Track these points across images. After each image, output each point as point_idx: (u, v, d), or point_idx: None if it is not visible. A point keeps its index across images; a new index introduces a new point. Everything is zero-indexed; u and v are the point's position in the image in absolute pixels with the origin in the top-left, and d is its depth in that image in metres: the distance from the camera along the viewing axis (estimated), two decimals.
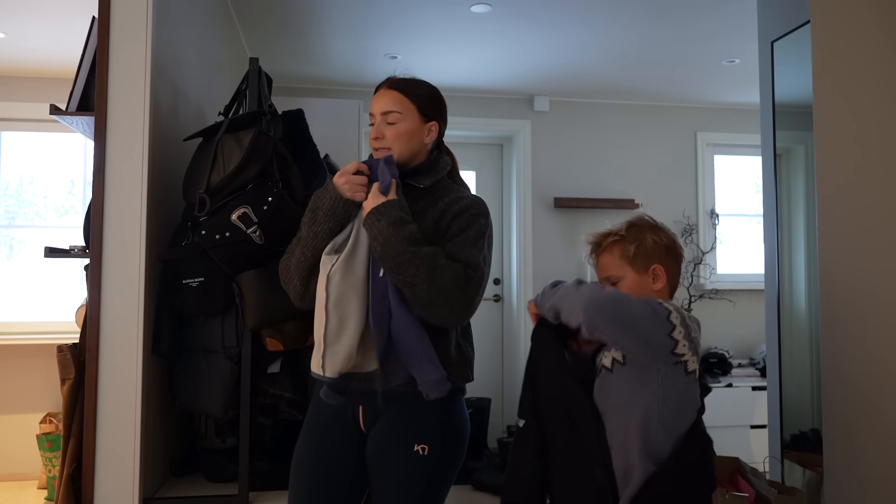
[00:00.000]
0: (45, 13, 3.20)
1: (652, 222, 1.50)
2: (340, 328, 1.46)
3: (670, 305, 1.32)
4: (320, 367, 1.47)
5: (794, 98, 2.50)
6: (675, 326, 1.29)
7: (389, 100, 1.62)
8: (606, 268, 1.46)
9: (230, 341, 1.97)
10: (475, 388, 4.50)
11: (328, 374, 1.46)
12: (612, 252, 1.46)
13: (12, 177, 4.22)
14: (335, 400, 1.51)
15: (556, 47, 3.69)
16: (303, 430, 1.63)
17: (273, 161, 2.02)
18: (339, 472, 1.57)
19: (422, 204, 1.59)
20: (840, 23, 1.72)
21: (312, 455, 1.59)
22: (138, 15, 1.94)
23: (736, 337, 4.65)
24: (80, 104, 2.01)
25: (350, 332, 1.47)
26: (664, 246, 1.45)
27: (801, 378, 2.45)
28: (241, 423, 1.99)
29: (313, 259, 1.54)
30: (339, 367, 1.46)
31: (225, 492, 2.03)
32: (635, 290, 1.42)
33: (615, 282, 1.44)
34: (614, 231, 1.47)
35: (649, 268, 1.44)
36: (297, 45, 3.66)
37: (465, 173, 4.70)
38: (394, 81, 1.64)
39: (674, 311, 1.30)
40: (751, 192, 4.94)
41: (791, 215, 2.52)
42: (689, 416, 1.32)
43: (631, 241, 1.44)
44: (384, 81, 1.66)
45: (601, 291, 1.32)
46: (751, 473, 1.92)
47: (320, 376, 1.48)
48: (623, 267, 1.44)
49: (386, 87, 1.64)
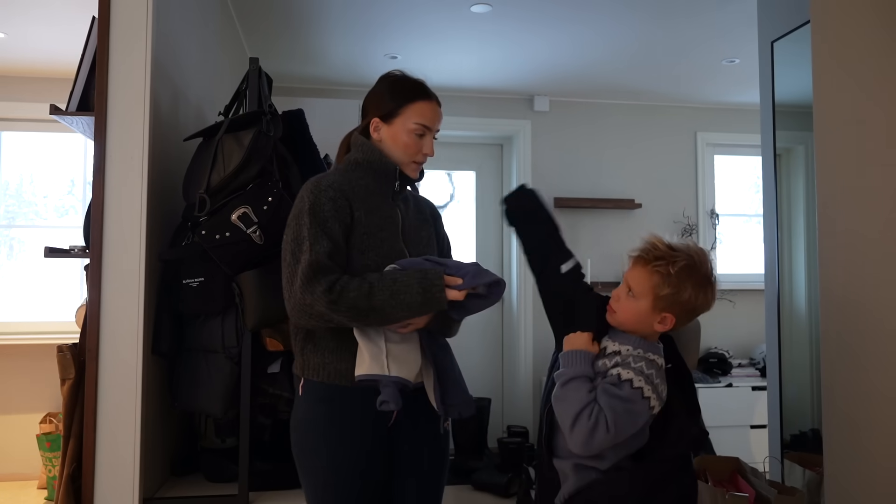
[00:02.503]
0: (45, 13, 3.20)
1: (707, 273, 1.42)
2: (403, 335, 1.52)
3: (642, 381, 1.36)
4: (385, 368, 1.46)
5: (794, 98, 2.49)
6: (650, 399, 1.36)
7: (441, 120, 1.68)
8: (635, 281, 1.42)
9: (230, 341, 1.97)
10: (475, 388, 4.50)
11: (393, 373, 1.46)
12: (650, 274, 1.40)
13: (12, 177, 4.22)
14: (395, 404, 1.44)
15: (556, 47, 3.69)
16: (329, 439, 1.53)
17: (273, 161, 2.02)
18: (378, 473, 1.57)
19: (417, 207, 1.73)
20: (840, 23, 1.72)
21: (363, 463, 1.53)
22: (138, 15, 1.94)
23: (736, 337, 4.65)
24: (80, 104, 2.01)
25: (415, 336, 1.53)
26: (694, 306, 1.41)
27: (801, 378, 2.45)
28: (241, 423, 1.99)
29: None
30: (411, 370, 1.49)
31: (225, 492, 2.03)
32: (636, 317, 1.42)
33: (634, 295, 1.42)
34: (668, 258, 1.39)
35: (665, 312, 1.41)
36: (297, 45, 3.65)
37: (465, 173, 4.72)
38: (439, 100, 1.69)
39: (645, 387, 1.35)
40: (751, 192, 4.94)
41: (791, 215, 2.52)
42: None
43: (671, 284, 1.38)
44: (432, 94, 1.67)
45: (589, 439, 1.33)
46: (751, 473, 1.92)
47: (381, 377, 1.45)
48: (647, 294, 1.40)
49: (439, 104, 1.68)
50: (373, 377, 1.45)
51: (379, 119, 1.64)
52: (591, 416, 1.32)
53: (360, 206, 1.57)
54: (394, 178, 1.63)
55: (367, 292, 1.44)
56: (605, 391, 1.35)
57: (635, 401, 1.34)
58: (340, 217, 1.53)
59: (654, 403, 1.36)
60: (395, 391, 1.45)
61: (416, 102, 1.63)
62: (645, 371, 1.37)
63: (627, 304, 1.42)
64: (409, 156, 1.63)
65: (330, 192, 1.54)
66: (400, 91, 1.64)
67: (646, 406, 1.35)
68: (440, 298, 1.45)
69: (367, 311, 1.44)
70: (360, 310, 1.44)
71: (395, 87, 1.65)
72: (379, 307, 1.44)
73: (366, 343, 1.48)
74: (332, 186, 1.56)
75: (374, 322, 1.47)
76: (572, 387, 1.37)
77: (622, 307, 1.43)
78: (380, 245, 1.56)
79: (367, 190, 1.61)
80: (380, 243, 1.56)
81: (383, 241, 1.57)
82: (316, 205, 1.52)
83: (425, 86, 1.66)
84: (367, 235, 1.55)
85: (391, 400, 1.44)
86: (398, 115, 1.62)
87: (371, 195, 1.61)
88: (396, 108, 1.62)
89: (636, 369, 1.37)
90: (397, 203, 1.65)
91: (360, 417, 1.52)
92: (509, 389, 4.56)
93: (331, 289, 1.43)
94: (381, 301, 1.44)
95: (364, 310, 1.44)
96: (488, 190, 4.76)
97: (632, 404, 1.34)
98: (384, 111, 1.64)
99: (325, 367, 1.54)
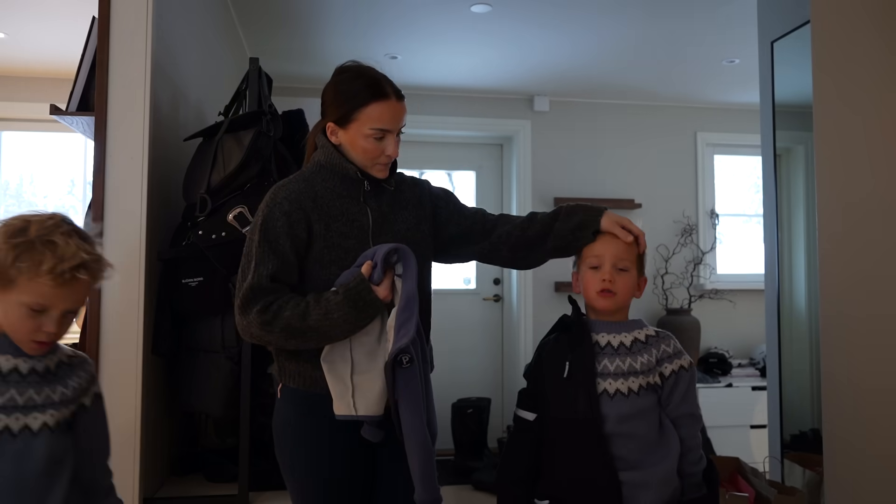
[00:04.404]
0: (45, 13, 3.20)
1: None
2: (369, 365, 1.44)
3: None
4: (352, 408, 1.41)
5: (794, 98, 2.49)
6: None
7: (404, 115, 1.54)
8: (621, 255, 1.45)
9: (230, 341, 1.97)
10: (475, 388, 4.52)
11: (361, 412, 1.41)
12: (629, 247, 1.47)
13: (12, 177, 4.22)
14: (374, 438, 1.44)
15: (555, 47, 3.69)
16: (308, 443, 1.50)
17: (272, 161, 2.02)
18: (360, 475, 1.52)
19: (396, 198, 1.60)
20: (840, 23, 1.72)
21: (341, 469, 1.49)
22: (138, 15, 1.94)
23: (736, 337, 4.65)
24: (80, 104, 2.01)
25: (379, 370, 1.43)
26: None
27: (801, 378, 2.45)
28: (241, 423, 1.99)
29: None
30: (379, 404, 1.43)
31: (225, 492, 2.04)
32: (632, 290, 1.46)
33: (622, 268, 1.44)
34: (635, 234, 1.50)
35: (642, 277, 1.50)
36: (297, 45, 3.65)
37: (465, 173, 4.72)
38: (401, 93, 1.53)
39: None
40: (751, 192, 4.94)
41: (791, 215, 2.52)
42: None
43: (639, 246, 1.49)
44: (395, 90, 1.51)
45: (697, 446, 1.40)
46: (751, 473, 1.92)
47: (351, 418, 1.42)
48: (633, 264, 1.47)
49: (400, 99, 1.52)
50: (345, 418, 1.42)
51: (334, 124, 1.51)
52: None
53: (319, 217, 1.48)
54: (359, 181, 1.53)
55: (303, 312, 1.39)
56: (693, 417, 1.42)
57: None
58: (294, 232, 1.45)
59: None
60: (372, 429, 1.43)
61: (371, 105, 1.47)
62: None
63: (624, 280, 1.44)
64: (371, 160, 1.51)
65: (285, 206, 1.46)
66: (351, 94, 1.48)
67: None
68: (372, 300, 1.41)
69: (304, 332, 1.39)
70: (294, 329, 1.39)
71: (347, 90, 1.50)
72: (315, 327, 1.39)
73: (332, 379, 1.43)
74: (289, 199, 1.47)
75: (314, 343, 1.42)
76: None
77: (621, 286, 1.43)
78: (343, 257, 1.47)
79: (334, 192, 1.51)
80: (343, 254, 1.47)
81: (347, 251, 1.48)
82: (268, 220, 1.45)
83: (380, 83, 1.49)
84: (328, 249, 1.47)
85: (369, 437, 1.43)
86: (352, 120, 1.48)
87: (338, 198, 1.51)
88: (349, 113, 1.48)
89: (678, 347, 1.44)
90: (367, 201, 1.54)
91: (337, 424, 1.45)
92: (509, 389, 4.56)
93: (266, 309, 1.39)
94: (316, 321, 1.39)
95: (299, 330, 1.39)
96: (488, 190, 4.76)
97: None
98: (337, 115, 1.50)
99: (301, 375, 1.48)
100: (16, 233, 1.15)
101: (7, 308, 1.16)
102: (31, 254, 1.14)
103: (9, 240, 1.15)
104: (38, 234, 1.15)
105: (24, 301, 1.15)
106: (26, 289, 1.14)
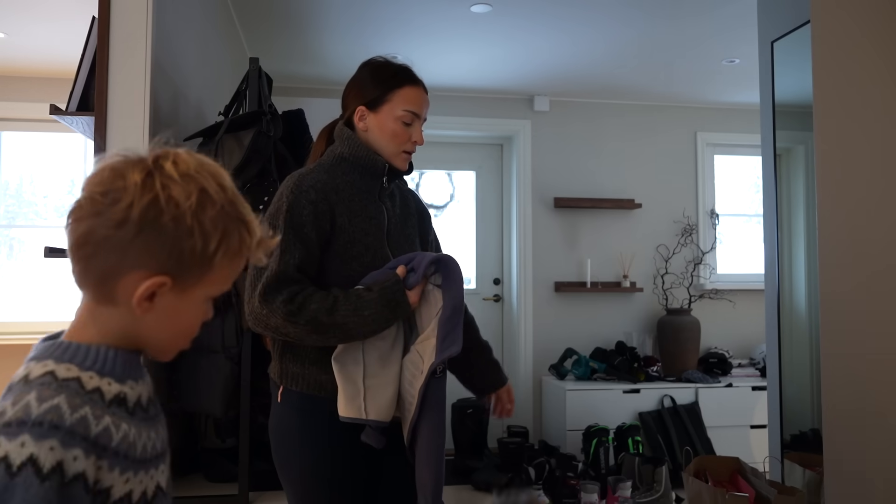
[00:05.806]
0: (45, 13, 3.20)
1: None
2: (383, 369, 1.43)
3: None
4: (362, 411, 1.39)
5: (794, 98, 2.49)
6: None
7: (428, 107, 1.58)
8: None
9: (230, 341, 1.97)
10: None
11: (371, 417, 1.40)
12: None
13: (12, 177, 4.22)
14: (377, 444, 1.42)
15: (556, 47, 3.69)
16: (307, 448, 1.48)
17: (272, 161, 2.02)
18: (359, 480, 1.52)
19: (404, 203, 1.63)
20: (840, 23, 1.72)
21: (341, 472, 1.49)
22: (138, 15, 1.94)
23: (736, 337, 4.65)
24: (80, 104, 2.01)
25: (392, 376, 1.43)
26: None
27: (801, 378, 2.45)
28: (241, 423, 1.99)
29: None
30: (389, 410, 1.42)
31: (225, 492, 2.04)
32: None
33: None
34: None
35: None
36: (297, 45, 3.65)
37: (465, 173, 4.72)
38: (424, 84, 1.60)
39: None
40: (751, 192, 4.94)
41: (791, 215, 2.52)
42: None
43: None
44: (419, 79, 1.57)
45: None
46: (751, 473, 1.92)
47: (359, 421, 1.40)
48: None
49: (426, 90, 1.57)
50: (351, 420, 1.40)
51: (364, 108, 1.54)
52: None
53: (343, 211, 1.47)
54: (382, 175, 1.53)
55: (331, 306, 1.36)
56: None
57: None
58: (319, 223, 1.43)
59: None
60: (377, 434, 1.42)
61: (404, 88, 1.53)
62: None
63: None
64: (398, 145, 1.53)
65: (311, 195, 1.44)
66: (386, 76, 1.54)
67: None
68: (404, 302, 1.40)
69: (328, 327, 1.36)
70: (320, 324, 1.36)
71: (381, 73, 1.55)
72: (341, 323, 1.36)
73: (343, 380, 1.41)
74: (315, 187, 1.45)
75: (334, 340, 1.39)
76: None
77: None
78: (364, 253, 1.47)
79: (353, 187, 1.51)
80: (364, 251, 1.47)
81: (367, 247, 1.48)
82: (294, 207, 1.42)
83: (411, 70, 1.56)
84: (350, 244, 1.46)
85: (372, 442, 1.42)
86: (385, 101, 1.52)
87: (357, 193, 1.51)
88: (383, 95, 1.52)
89: None
90: (384, 200, 1.56)
91: (340, 427, 1.44)
92: None
93: (291, 299, 1.35)
94: (344, 316, 1.36)
95: (325, 325, 1.36)
96: (488, 190, 4.77)
97: None
98: (369, 98, 1.53)
99: (305, 378, 1.46)
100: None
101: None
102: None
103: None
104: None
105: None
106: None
